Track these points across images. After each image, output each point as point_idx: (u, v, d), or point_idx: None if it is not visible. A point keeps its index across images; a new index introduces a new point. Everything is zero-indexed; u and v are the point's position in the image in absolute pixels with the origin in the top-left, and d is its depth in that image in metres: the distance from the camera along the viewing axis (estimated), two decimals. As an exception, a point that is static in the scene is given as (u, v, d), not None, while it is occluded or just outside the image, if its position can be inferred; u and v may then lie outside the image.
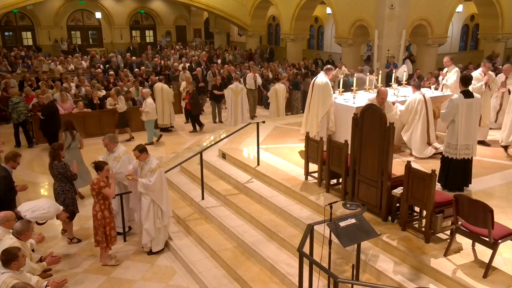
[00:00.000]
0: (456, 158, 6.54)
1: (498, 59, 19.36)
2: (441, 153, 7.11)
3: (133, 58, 19.79)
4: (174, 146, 11.87)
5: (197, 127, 13.29)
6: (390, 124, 5.67)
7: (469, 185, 6.74)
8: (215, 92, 13.88)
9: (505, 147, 8.43)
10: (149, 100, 12.02)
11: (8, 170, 6.31)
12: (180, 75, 16.20)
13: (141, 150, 6.48)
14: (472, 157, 6.64)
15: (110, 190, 6.32)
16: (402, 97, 8.65)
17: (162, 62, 19.61)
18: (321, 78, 8.42)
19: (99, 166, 6.31)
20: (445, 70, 9.77)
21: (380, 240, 5.54)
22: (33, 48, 26.28)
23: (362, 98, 8.45)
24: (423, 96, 8.10)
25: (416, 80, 10.03)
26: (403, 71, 11.25)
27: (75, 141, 8.64)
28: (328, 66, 8.96)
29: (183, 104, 13.89)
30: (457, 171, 6.59)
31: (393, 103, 8.25)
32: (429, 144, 8.19)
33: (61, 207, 6.36)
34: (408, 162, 5.53)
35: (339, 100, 8.46)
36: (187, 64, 18.18)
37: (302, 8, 21.76)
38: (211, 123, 14.07)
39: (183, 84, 14.01)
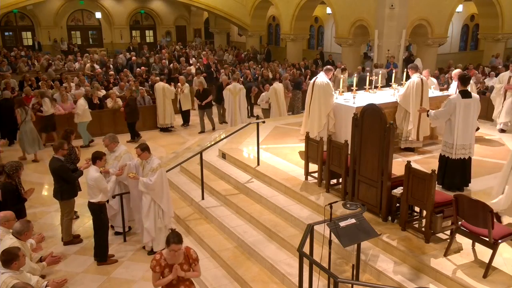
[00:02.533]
0: (452, 158, 6.53)
1: (499, 59, 19.37)
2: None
3: (133, 58, 19.69)
4: (174, 146, 11.87)
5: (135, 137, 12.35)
6: (390, 124, 5.67)
7: (469, 184, 6.73)
8: (198, 102, 13.04)
9: None
10: (81, 101, 11.65)
11: (61, 159, 6.88)
12: (194, 80, 15.08)
13: (143, 149, 6.49)
14: (470, 157, 6.63)
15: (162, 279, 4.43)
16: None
17: (172, 64, 18.68)
18: (322, 78, 8.41)
19: (169, 240, 4.33)
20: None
21: (380, 240, 5.54)
22: (37, 41, 26.55)
23: (362, 98, 8.46)
24: (421, 79, 8.04)
25: (413, 62, 9.98)
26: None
27: (28, 115, 10.78)
28: (328, 66, 8.95)
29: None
30: (454, 170, 6.57)
31: None
32: (417, 139, 8.20)
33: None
34: (408, 162, 5.53)
35: (339, 100, 8.46)
36: (196, 67, 17.55)
37: (302, 8, 21.76)
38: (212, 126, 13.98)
39: (178, 85, 13.73)
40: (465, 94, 6.48)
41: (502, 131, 9.95)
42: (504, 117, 9.94)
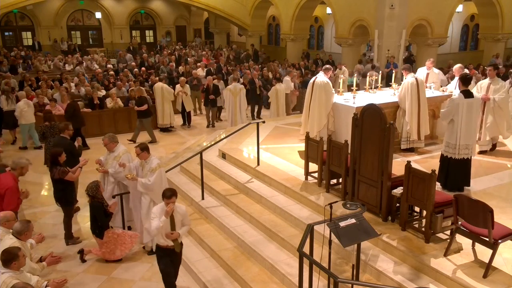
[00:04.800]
0: (455, 158, 6.54)
1: (499, 59, 19.38)
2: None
3: (133, 64, 19.14)
4: (174, 146, 11.87)
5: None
6: (390, 124, 5.67)
7: (470, 185, 6.74)
8: (136, 108, 12.08)
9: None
10: (20, 103, 11.40)
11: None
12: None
13: (143, 149, 6.47)
14: (471, 157, 6.65)
15: None
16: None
17: (184, 68, 18.04)
18: (321, 78, 8.42)
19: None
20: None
21: (380, 240, 5.54)
22: (37, 41, 26.95)
23: (362, 98, 8.47)
24: (416, 79, 8.08)
25: (407, 64, 9.90)
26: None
27: None
28: (327, 66, 8.96)
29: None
30: (456, 170, 6.58)
31: None
32: (419, 138, 8.20)
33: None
34: (408, 162, 5.53)
35: (339, 100, 8.46)
36: (205, 69, 17.03)
37: (302, 8, 21.77)
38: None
39: (178, 87, 13.58)
40: (467, 94, 6.48)
41: (482, 152, 8.22)
42: (488, 135, 8.17)
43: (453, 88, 8.89)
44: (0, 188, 5.98)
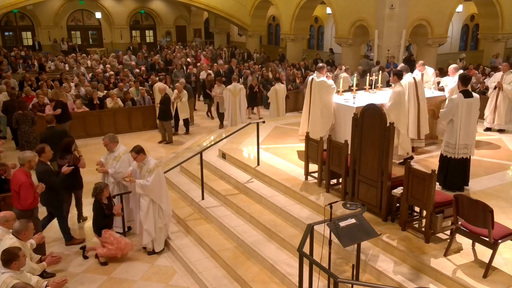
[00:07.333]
0: (454, 158, 6.55)
1: (499, 59, 19.38)
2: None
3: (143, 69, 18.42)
4: (174, 146, 11.86)
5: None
6: (390, 124, 5.67)
7: (468, 184, 6.74)
8: (49, 112, 10.69)
9: None
10: None
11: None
12: (214, 88, 13.58)
13: (138, 151, 6.43)
14: (470, 157, 6.65)
15: None
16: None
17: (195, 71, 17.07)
18: (317, 77, 8.40)
19: None
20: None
21: (380, 240, 5.54)
22: (37, 41, 27.08)
23: (362, 98, 8.46)
24: (413, 78, 8.14)
25: (402, 66, 9.96)
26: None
27: None
28: (320, 64, 8.90)
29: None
30: (456, 170, 6.59)
31: None
32: (419, 137, 8.20)
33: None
34: (408, 162, 5.53)
35: (339, 100, 8.46)
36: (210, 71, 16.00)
37: (302, 8, 21.77)
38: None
39: (175, 92, 12.66)
40: (466, 94, 6.50)
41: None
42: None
43: (448, 83, 9.09)
44: (14, 185, 6.02)
